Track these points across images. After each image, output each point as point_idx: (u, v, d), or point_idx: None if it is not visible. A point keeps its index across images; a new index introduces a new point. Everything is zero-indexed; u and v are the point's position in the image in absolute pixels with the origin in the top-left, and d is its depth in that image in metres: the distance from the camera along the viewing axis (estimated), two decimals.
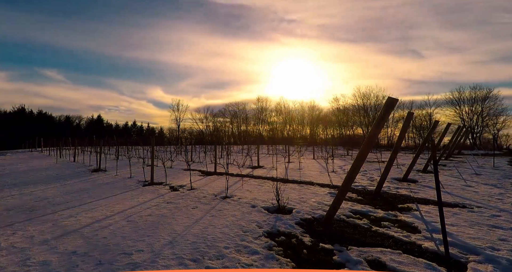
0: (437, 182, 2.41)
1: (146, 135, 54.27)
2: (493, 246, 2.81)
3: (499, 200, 4.82)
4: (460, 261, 2.56)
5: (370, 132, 3.37)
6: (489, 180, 7.00)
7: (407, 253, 2.69)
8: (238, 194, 5.36)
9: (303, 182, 6.84)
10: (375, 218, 3.86)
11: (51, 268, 2.47)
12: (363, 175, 7.88)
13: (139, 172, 8.67)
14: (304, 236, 3.18)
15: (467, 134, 19.01)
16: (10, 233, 3.44)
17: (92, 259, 2.62)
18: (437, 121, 8.17)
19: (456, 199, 4.91)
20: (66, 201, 5.17)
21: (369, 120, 35.70)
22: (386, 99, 3.28)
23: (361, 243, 2.97)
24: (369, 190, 5.74)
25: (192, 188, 6.12)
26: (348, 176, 3.41)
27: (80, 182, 7.42)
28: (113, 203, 4.91)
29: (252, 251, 2.75)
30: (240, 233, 3.24)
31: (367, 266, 2.46)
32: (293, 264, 2.51)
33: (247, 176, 7.95)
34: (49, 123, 50.16)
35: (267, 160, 12.94)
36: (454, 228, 3.37)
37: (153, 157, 7.14)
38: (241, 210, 4.22)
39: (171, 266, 2.44)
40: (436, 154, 2.57)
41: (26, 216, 4.18)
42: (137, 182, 7.21)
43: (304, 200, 4.86)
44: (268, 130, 46.79)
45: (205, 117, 49.85)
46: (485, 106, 32.23)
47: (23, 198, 5.53)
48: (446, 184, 6.35)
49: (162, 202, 4.85)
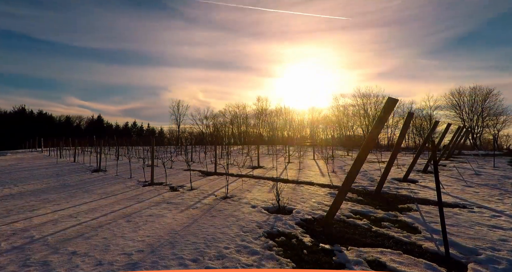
0: (437, 183, 2.41)
1: (146, 135, 54.28)
2: (493, 247, 2.81)
3: (499, 201, 4.81)
4: (460, 261, 2.55)
5: (370, 133, 3.37)
6: (489, 180, 6.99)
7: (407, 253, 2.69)
8: (238, 194, 5.36)
9: (303, 182, 6.83)
10: (375, 219, 3.86)
11: (51, 268, 2.47)
12: (363, 175, 7.87)
13: (139, 172, 8.67)
14: (304, 236, 3.18)
15: (467, 135, 19.00)
16: (10, 233, 3.44)
17: (92, 259, 2.62)
18: (437, 121, 8.17)
19: (456, 200, 4.90)
20: (66, 201, 5.17)
21: (369, 120, 35.70)
22: (386, 99, 3.28)
23: (361, 243, 2.96)
24: (369, 190, 5.73)
25: (192, 188, 6.11)
26: (348, 176, 3.41)
27: (80, 182, 7.42)
28: (113, 203, 4.91)
29: (252, 251, 2.75)
30: (240, 233, 3.24)
31: (367, 266, 2.46)
32: (293, 264, 2.50)
33: (247, 176, 7.94)
34: (49, 123, 50.20)
35: (267, 160, 12.94)
36: (455, 229, 3.36)
37: (153, 157, 7.14)
38: (241, 210, 4.22)
39: (171, 266, 2.44)
40: (436, 154, 2.56)
41: (26, 216, 4.18)
42: (137, 182, 7.21)
43: (304, 200, 4.86)
44: (268, 131, 46.82)
45: (205, 117, 49.91)
46: (485, 106, 32.25)
47: (23, 197, 5.53)
48: (447, 185, 6.34)
49: (162, 202, 4.85)
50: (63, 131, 45.88)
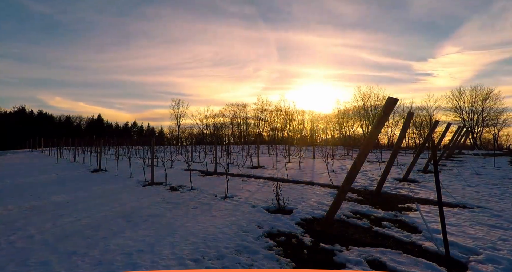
0: (437, 182, 2.40)
1: (146, 135, 54.31)
2: (493, 246, 2.80)
3: (499, 200, 4.81)
4: (460, 261, 2.55)
5: (370, 132, 3.37)
6: (489, 180, 6.99)
7: (407, 253, 2.69)
8: (238, 194, 5.36)
9: (303, 182, 6.83)
10: (376, 218, 3.85)
11: (51, 268, 2.47)
12: (363, 175, 7.87)
13: (139, 172, 8.67)
14: (304, 236, 3.18)
15: (468, 134, 19.00)
16: (10, 233, 3.44)
17: (92, 259, 2.62)
18: (437, 121, 8.16)
19: (457, 199, 4.90)
20: (66, 201, 5.17)
21: (369, 120, 35.70)
22: (386, 99, 3.27)
23: (361, 243, 2.96)
24: (370, 190, 5.73)
25: (192, 188, 6.11)
26: (348, 176, 3.41)
27: (80, 182, 7.42)
28: (113, 203, 4.91)
29: (252, 251, 2.75)
30: (240, 233, 3.24)
31: (367, 266, 2.46)
32: (293, 264, 2.50)
33: (247, 176, 7.94)
34: (49, 123, 50.18)
35: (267, 160, 12.94)
36: (455, 228, 3.36)
37: (153, 157, 7.14)
38: (241, 210, 4.22)
39: (171, 266, 2.43)
40: (436, 154, 2.56)
41: (26, 216, 4.18)
42: (137, 182, 7.21)
43: (304, 200, 4.85)
44: (268, 130, 46.85)
45: (205, 117, 49.92)
46: (485, 105, 32.24)
47: (23, 197, 5.53)
48: (447, 184, 6.34)
49: (162, 202, 4.85)
50: (63, 131, 45.88)
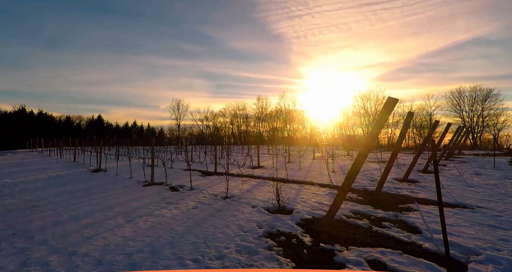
0: (437, 182, 2.40)
1: (146, 135, 54.31)
2: (494, 247, 2.80)
3: (500, 200, 4.81)
4: (460, 261, 2.55)
5: (370, 132, 3.37)
6: (489, 180, 6.99)
7: (407, 253, 2.69)
8: (238, 194, 5.36)
9: (303, 182, 6.83)
10: (376, 218, 3.85)
11: (51, 268, 2.47)
12: (363, 175, 7.87)
13: (139, 172, 8.67)
14: (304, 236, 3.18)
15: (468, 134, 18.99)
16: (10, 233, 3.44)
17: (92, 259, 2.62)
18: (437, 121, 8.15)
19: (457, 199, 4.90)
20: (66, 201, 5.17)
21: (369, 120, 35.70)
22: (386, 99, 3.27)
23: (361, 243, 2.96)
24: (370, 190, 5.73)
25: (192, 188, 6.11)
26: (348, 176, 3.41)
27: (80, 182, 7.42)
28: (113, 203, 4.91)
29: (252, 251, 2.75)
30: (240, 233, 3.24)
31: (367, 266, 2.45)
32: (293, 264, 2.50)
33: (247, 176, 7.94)
34: (50, 123, 50.19)
35: (267, 160, 12.94)
36: (455, 228, 3.36)
37: (154, 157, 7.14)
38: (241, 210, 4.22)
39: (171, 266, 2.43)
40: (436, 154, 2.56)
41: (26, 216, 4.18)
42: (137, 182, 7.21)
43: (304, 200, 4.85)
44: (268, 130, 46.85)
45: (205, 117, 49.93)
46: (485, 106, 32.25)
47: (23, 197, 5.53)
48: (447, 184, 6.34)
49: (162, 202, 4.85)
50: (63, 131, 45.88)
